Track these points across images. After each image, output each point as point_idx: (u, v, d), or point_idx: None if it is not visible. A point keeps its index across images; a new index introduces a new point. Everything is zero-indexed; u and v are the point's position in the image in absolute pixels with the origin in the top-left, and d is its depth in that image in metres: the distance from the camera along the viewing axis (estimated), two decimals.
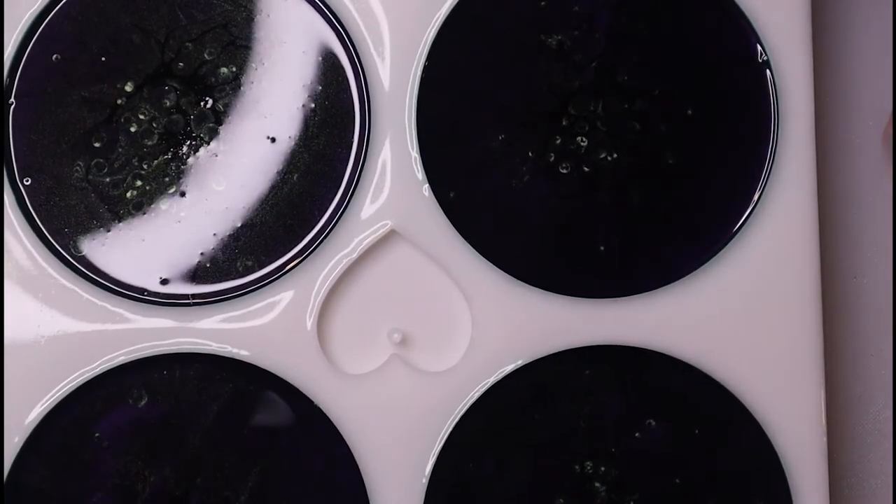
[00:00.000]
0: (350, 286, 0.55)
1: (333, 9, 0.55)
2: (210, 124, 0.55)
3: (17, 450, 0.53)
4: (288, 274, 0.54)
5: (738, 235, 0.54)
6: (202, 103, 0.55)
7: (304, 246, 0.54)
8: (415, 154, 0.54)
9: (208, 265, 0.54)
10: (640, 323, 0.54)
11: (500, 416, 0.54)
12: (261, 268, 0.54)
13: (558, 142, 0.55)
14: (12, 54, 0.54)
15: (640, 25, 0.56)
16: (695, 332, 0.54)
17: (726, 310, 0.54)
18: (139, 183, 0.54)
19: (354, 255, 0.54)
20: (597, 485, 0.54)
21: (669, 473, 0.54)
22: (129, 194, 0.54)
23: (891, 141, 0.59)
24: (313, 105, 0.55)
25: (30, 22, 0.54)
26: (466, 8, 0.55)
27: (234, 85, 0.55)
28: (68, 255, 0.54)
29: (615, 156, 0.55)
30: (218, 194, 0.54)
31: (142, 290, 0.54)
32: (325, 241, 0.54)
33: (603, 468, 0.54)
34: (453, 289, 0.55)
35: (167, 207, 0.54)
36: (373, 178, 0.54)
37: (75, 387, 0.53)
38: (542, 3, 0.55)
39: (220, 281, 0.54)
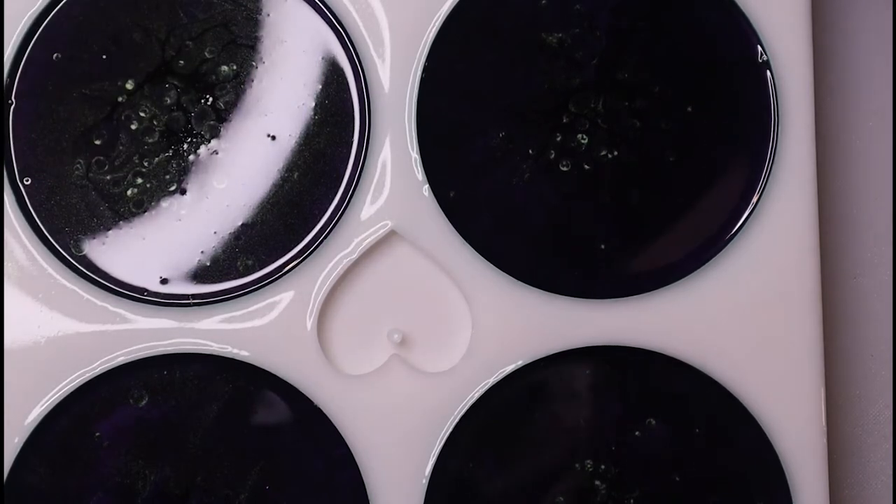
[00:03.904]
0: (350, 287, 0.55)
1: (333, 9, 0.55)
2: (211, 122, 0.55)
3: (18, 450, 0.53)
4: (288, 274, 0.54)
5: (738, 236, 0.54)
6: (203, 101, 0.55)
7: (304, 246, 0.54)
8: (415, 154, 0.54)
9: (209, 264, 0.54)
10: (641, 323, 0.54)
11: (500, 416, 0.54)
12: (261, 267, 0.54)
13: (559, 139, 0.55)
14: (12, 54, 0.54)
15: (641, 24, 0.56)
16: (695, 333, 0.54)
17: (726, 310, 0.54)
18: (140, 181, 0.54)
19: (354, 256, 0.54)
20: (597, 483, 0.54)
21: (669, 472, 0.54)
22: (129, 192, 0.54)
23: None
24: (313, 104, 0.55)
25: (30, 21, 0.54)
26: (467, 8, 0.55)
27: (234, 83, 0.55)
28: (68, 254, 0.54)
29: (616, 153, 0.55)
30: (219, 192, 0.54)
31: (142, 290, 0.54)
32: (324, 241, 0.54)
33: (603, 466, 0.54)
34: (453, 289, 0.55)
35: (168, 205, 0.54)
36: (373, 178, 0.54)
37: (76, 387, 0.53)
38: (543, 2, 0.55)
39: (220, 281, 0.54)
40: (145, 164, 0.54)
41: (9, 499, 0.52)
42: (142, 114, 0.55)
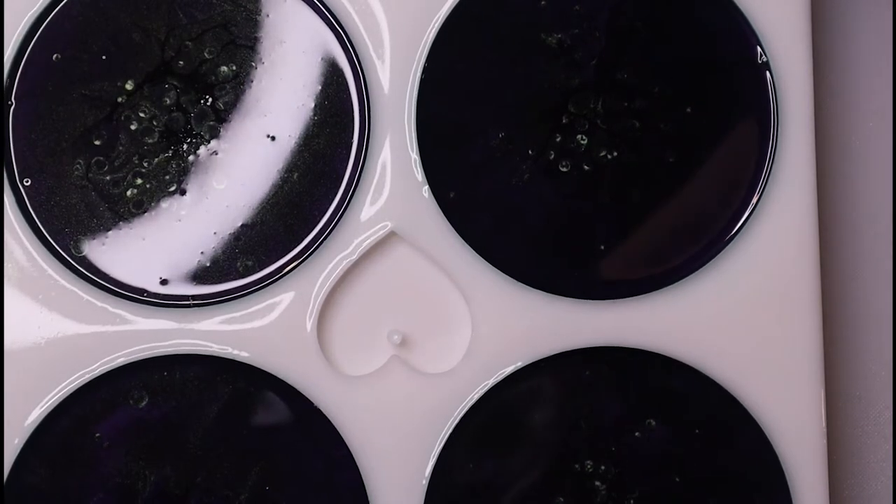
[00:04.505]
0: (350, 288, 0.55)
1: (333, 10, 0.55)
2: (210, 122, 0.55)
3: (18, 451, 0.53)
4: (288, 275, 0.54)
5: (737, 237, 0.54)
6: (202, 101, 0.55)
7: (304, 247, 0.54)
8: (414, 155, 0.54)
9: (208, 265, 0.54)
10: (640, 324, 0.54)
11: (500, 416, 0.54)
12: (261, 268, 0.54)
13: (558, 140, 0.55)
14: (12, 55, 0.54)
15: (640, 25, 0.55)
16: (695, 334, 0.54)
17: (726, 311, 0.54)
18: (140, 181, 0.54)
19: (354, 257, 0.54)
20: (597, 483, 0.54)
21: (669, 473, 0.54)
22: (129, 193, 0.54)
23: None
24: (313, 104, 0.55)
25: (30, 22, 0.54)
26: (466, 8, 0.55)
27: (234, 83, 0.55)
28: (68, 255, 0.54)
29: (615, 154, 0.55)
30: (218, 193, 0.54)
31: (142, 291, 0.54)
32: (324, 242, 0.54)
33: (603, 467, 0.54)
34: (453, 290, 0.55)
35: (168, 206, 0.54)
36: (372, 179, 0.54)
37: (76, 388, 0.53)
38: (542, 3, 0.55)
39: (220, 282, 0.54)
40: (145, 164, 0.54)
41: (9, 500, 0.52)
42: (141, 114, 0.55)
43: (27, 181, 0.54)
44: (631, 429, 0.54)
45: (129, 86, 0.55)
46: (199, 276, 0.54)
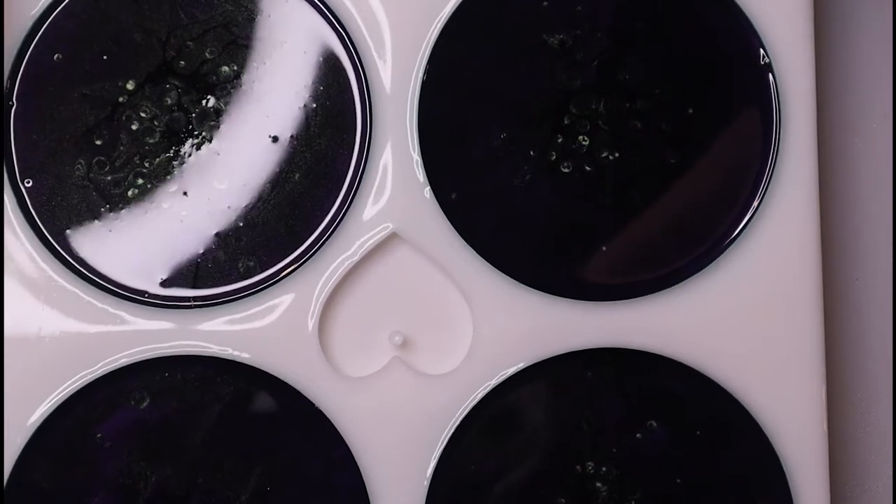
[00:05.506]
0: (351, 289, 0.55)
1: (335, 10, 0.55)
2: (211, 122, 0.55)
3: (20, 451, 0.53)
4: (289, 276, 0.54)
5: (739, 238, 0.54)
6: (203, 101, 0.55)
7: (306, 248, 0.54)
8: (416, 156, 0.54)
9: (210, 265, 0.54)
10: (642, 326, 0.54)
11: (502, 418, 0.54)
12: (262, 269, 0.54)
13: (560, 141, 0.55)
14: (14, 55, 0.54)
15: (642, 26, 0.55)
16: (697, 335, 0.54)
17: (728, 312, 0.54)
18: (141, 181, 0.54)
19: (356, 258, 0.54)
20: (598, 485, 0.54)
21: (670, 474, 0.54)
22: (130, 193, 0.54)
23: None
24: (315, 105, 0.55)
25: (31, 22, 0.54)
26: (468, 9, 0.55)
27: (235, 83, 0.55)
28: (69, 256, 0.54)
29: (617, 155, 0.55)
30: (220, 193, 0.54)
31: (143, 293, 0.54)
32: (326, 243, 0.54)
33: (604, 468, 0.54)
34: (454, 291, 0.55)
35: (169, 206, 0.54)
36: (374, 180, 0.54)
37: (77, 388, 0.53)
38: (545, 3, 0.55)
39: (221, 283, 0.54)
40: (146, 164, 0.54)
41: (11, 499, 0.52)
42: (143, 114, 0.55)
43: (28, 182, 0.54)
44: (632, 430, 0.54)
45: (130, 86, 0.55)
46: (201, 277, 0.54)
